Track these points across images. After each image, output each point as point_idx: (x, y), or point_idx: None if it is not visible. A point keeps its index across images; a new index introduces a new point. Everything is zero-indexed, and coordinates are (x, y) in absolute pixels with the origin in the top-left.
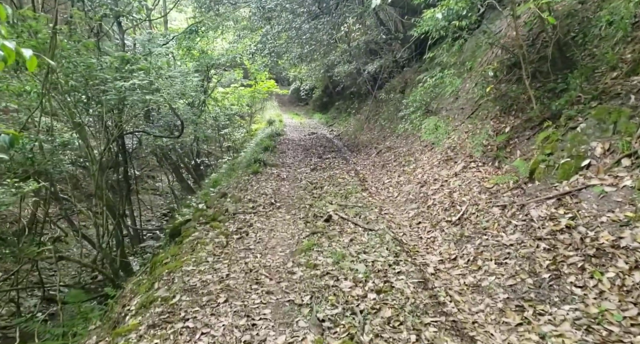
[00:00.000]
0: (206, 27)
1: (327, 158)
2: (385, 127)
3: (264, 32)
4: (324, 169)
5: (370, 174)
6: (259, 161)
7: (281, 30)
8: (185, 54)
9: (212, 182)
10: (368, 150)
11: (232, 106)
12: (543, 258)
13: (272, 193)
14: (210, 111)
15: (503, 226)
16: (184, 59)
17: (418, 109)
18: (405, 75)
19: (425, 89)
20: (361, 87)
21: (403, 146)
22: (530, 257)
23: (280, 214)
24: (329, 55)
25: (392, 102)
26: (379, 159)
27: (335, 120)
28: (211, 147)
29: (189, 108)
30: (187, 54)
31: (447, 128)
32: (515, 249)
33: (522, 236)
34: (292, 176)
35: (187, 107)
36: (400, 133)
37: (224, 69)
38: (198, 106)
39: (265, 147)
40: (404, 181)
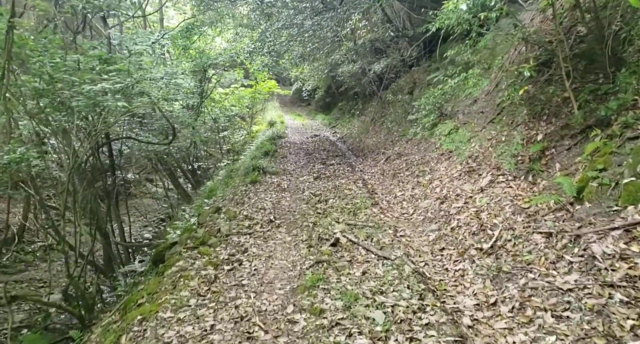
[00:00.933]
0: (203, 24)
1: (331, 164)
2: (392, 130)
3: (262, 29)
4: (329, 177)
5: (379, 184)
6: (258, 169)
7: (281, 28)
8: (180, 54)
9: (207, 192)
10: (375, 155)
11: (233, 107)
12: (622, 314)
13: (272, 207)
14: (210, 112)
15: (552, 261)
16: (180, 58)
17: (431, 113)
18: (413, 75)
19: (442, 90)
20: (366, 88)
21: (415, 153)
22: (603, 311)
23: (279, 235)
24: (332, 54)
25: (400, 103)
26: (389, 167)
27: (339, 121)
28: (212, 148)
29: (184, 110)
30: (182, 53)
31: (465, 134)
32: (577, 297)
33: (583, 279)
34: (294, 186)
35: (184, 109)
36: (410, 138)
37: (223, 69)
38: (195, 108)
39: (266, 151)
40: (419, 194)
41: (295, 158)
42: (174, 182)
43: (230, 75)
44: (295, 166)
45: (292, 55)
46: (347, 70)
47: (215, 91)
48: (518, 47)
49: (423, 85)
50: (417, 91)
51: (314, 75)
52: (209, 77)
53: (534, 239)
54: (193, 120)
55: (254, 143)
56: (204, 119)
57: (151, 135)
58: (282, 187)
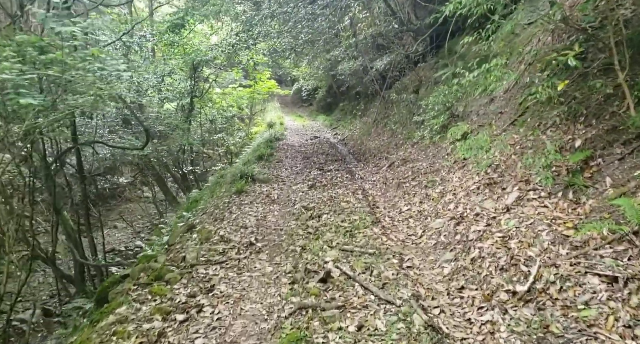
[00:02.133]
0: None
1: (329, 170)
2: (396, 132)
3: (247, 18)
4: (325, 186)
5: (382, 195)
6: (246, 176)
7: (269, 16)
8: (166, 50)
9: (189, 203)
10: (377, 160)
11: (231, 107)
12: None
13: (254, 225)
14: (207, 113)
15: (627, 324)
16: (166, 55)
17: (440, 114)
18: (419, 72)
19: (452, 87)
20: (368, 87)
21: (423, 160)
22: None
23: (258, 265)
24: (332, 50)
25: (404, 103)
26: (392, 175)
27: (340, 122)
28: (210, 150)
29: (173, 111)
30: (169, 50)
31: (482, 139)
32: None
33: None
34: (285, 197)
35: (174, 110)
36: (416, 141)
37: (219, 68)
38: (186, 109)
39: (260, 155)
40: (429, 210)
41: (291, 163)
42: (162, 188)
43: (227, 75)
44: (290, 172)
45: (283, 48)
46: (348, 68)
47: (212, 91)
48: (544, 34)
49: (430, 83)
50: (423, 90)
51: (314, 75)
52: (204, 75)
53: (590, 283)
54: (182, 122)
55: (250, 146)
56: (200, 120)
57: (135, 138)
58: (271, 198)
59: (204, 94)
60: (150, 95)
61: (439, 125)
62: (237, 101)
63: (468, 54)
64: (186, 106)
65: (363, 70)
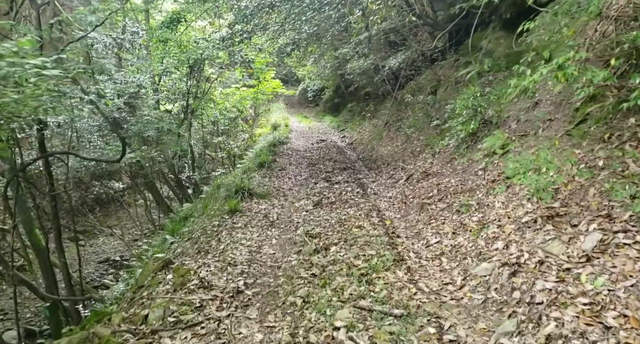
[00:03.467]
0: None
1: (337, 182)
2: (412, 138)
3: (243, 6)
4: (332, 204)
5: (402, 219)
6: (242, 191)
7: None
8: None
9: (177, 222)
10: (392, 170)
11: (234, 108)
12: None
13: (246, 261)
14: (209, 115)
15: None
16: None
17: (470, 119)
18: (437, 71)
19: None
20: (379, 87)
21: (450, 174)
22: None
23: (245, 329)
24: (340, 47)
25: (419, 105)
26: (413, 192)
27: (348, 124)
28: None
29: (167, 114)
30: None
31: (528, 153)
32: None
33: None
34: (285, 218)
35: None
36: (438, 150)
37: (220, 66)
38: (183, 112)
39: (261, 162)
40: (467, 247)
41: (296, 171)
42: (156, 196)
43: (231, 75)
44: (293, 183)
45: (285, 42)
46: (358, 66)
47: (215, 91)
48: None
49: (450, 83)
50: (441, 91)
51: (320, 74)
52: (205, 75)
53: None
54: (177, 126)
55: (254, 149)
56: (202, 122)
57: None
58: (270, 220)
59: (205, 94)
60: (143, 96)
61: (467, 132)
62: (240, 101)
63: (496, 50)
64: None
65: (374, 69)
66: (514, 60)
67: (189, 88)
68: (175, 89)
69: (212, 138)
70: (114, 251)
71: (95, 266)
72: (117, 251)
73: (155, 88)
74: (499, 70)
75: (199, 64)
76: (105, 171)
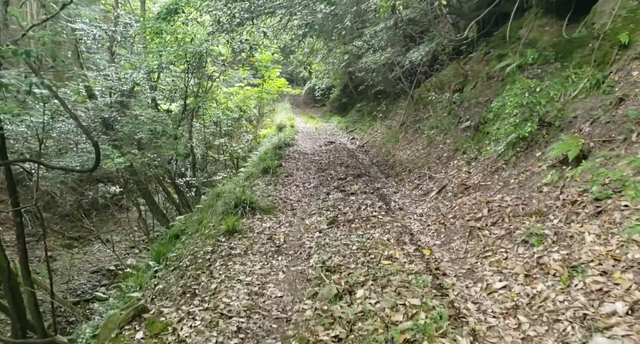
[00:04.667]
0: None
1: (353, 193)
2: (436, 141)
3: None
4: (351, 223)
5: (443, 247)
6: (243, 205)
7: None
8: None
9: (165, 241)
10: (417, 179)
11: (237, 107)
12: None
13: (244, 309)
14: (211, 115)
15: None
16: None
17: (524, 120)
18: (463, 66)
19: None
20: (393, 85)
21: (502, 189)
22: None
23: None
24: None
25: (443, 104)
26: (451, 209)
27: (357, 124)
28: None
29: (163, 115)
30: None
31: (620, 164)
32: None
33: None
34: (295, 241)
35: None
36: (474, 157)
37: (222, 63)
38: (184, 112)
39: (265, 168)
40: (554, 299)
41: (304, 177)
42: (150, 203)
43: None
44: (302, 192)
45: (298, 24)
46: (373, 61)
47: (218, 90)
48: None
49: (480, 79)
50: (469, 88)
51: (328, 71)
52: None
53: None
54: (174, 127)
55: (258, 152)
56: (204, 122)
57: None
58: (275, 244)
59: (207, 93)
60: (136, 94)
61: (519, 136)
62: (244, 101)
63: (541, 39)
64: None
65: (389, 66)
66: (565, 50)
67: (187, 85)
68: (173, 87)
69: (214, 139)
70: (108, 259)
71: (88, 276)
72: (112, 260)
73: (152, 86)
74: (546, 62)
75: (198, 59)
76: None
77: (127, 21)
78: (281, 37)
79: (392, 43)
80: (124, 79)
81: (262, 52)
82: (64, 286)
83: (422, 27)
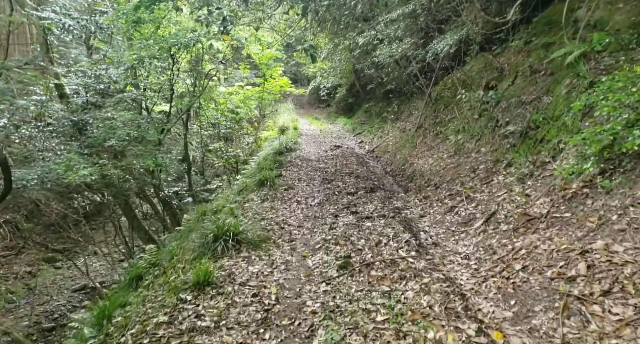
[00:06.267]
0: None
1: (368, 217)
2: (466, 148)
3: None
4: (370, 269)
5: (523, 331)
6: (225, 238)
7: None
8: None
9: (123, 287)
10: (448, 198)
11: (237, 108)
12: None
13: None
14: (209, 117)
15: None
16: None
17: (632, 128)
18: (497, 58)
19: None
20: (406, 82)
21: (602, 229)
22: None
23: None
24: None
25: (469, 103)
26: (517, 255)
27: (364, 126)
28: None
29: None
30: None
31: None
32: None
33: None
34: (290, 302)
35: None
36: (528, 173)
37: (220, 61)
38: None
39: (262, 180)
40: None
41: (307, 190)
42: (129, 218)
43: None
44: (304, 212)
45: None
46: (388, 54)
47: (215, 89)
48: None
49: (521, 73)
50: (505, 84)
51: (334, 69)
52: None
53: None
54: (156, 131)
55: (257, 157)
56: (201, 124)
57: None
58: (263, 305)
59: (203, 92)
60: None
61: (622, 150)
62: (244, 101)
63: (611, 20)
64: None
65: (404, 61)
66: None
67: (172, 83)
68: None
69: (212, 142)
70: (94, 274)
71: (68, 295)
72: (98, 275)
73: (134, 84)
74: (622, 48)
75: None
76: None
77: (103, 9)
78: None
79: (411, 33)
80: (101, 77)
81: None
82: (39, 309)
83: (444, 15)
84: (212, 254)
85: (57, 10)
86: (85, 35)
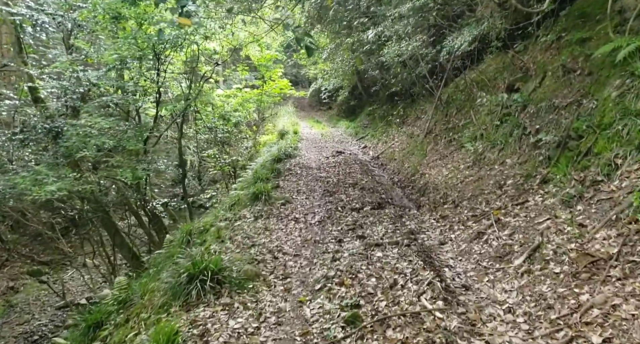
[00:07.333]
0: None
1: (378, 244)
2: (486, 159)
3: None
4: (384, 326)
5: None
6: (202, 277)
7: None
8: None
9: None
10: (470, 219)
11: (235, 111)
12: None
13: None
14: (205, 121)
15: None
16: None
17: None
18: (519, 57)
19: None
20: (412, 84)
21: None
22: None
23: None
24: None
25: (487, 107)
26: (585, 314)
27: (367, 130)
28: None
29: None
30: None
31: None
32: None
33: None
34: None
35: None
36: (575, 194)
37: (216, 63)
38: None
39: (256, 194)
40: None
41: (306, 205)
42: (111, 234)
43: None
44: (301, 234)
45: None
46: (396, 52)
47: (213, 92)
48: None
49: (550, 73)
50: (531, 86)
51: (337, 70)
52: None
53: None
54: (138, 139)
55: (254, 165)
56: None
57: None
58: None
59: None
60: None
61: None
62: (242, 104)
63: None
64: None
65: (411, 60)
66: None
67: (159, 86)
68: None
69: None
70: (81, 290)
71: (52, 313)
72: (85, 291)
73: (119, 86)
74: None
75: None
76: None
77: (82, 4)
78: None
79: (422, 29)
80: (79, 79)
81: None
82: (18, 329)
83: (458, 10)
84: (184, 300)
85: (31, 5)
86: (64, 34)
